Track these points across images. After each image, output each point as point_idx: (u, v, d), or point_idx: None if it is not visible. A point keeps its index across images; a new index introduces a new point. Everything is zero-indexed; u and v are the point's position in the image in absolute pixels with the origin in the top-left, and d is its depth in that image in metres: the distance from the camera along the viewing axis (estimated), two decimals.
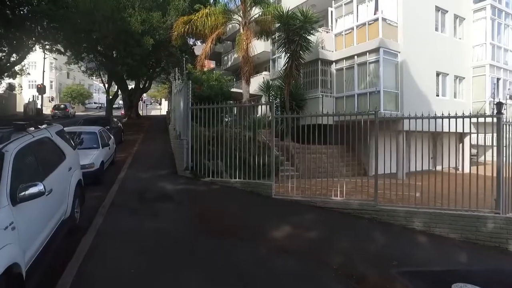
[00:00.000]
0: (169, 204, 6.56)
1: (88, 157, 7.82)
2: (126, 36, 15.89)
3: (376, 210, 7.01)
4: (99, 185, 7.95)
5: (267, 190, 7.90)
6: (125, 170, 9.45)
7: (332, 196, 7.56)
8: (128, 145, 14.75)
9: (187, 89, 8.94)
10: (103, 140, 9.20)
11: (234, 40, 26.88)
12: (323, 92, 14.25)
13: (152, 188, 7.72)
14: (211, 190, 7.91)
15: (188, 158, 8.96)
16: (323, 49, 14.39)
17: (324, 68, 14.42)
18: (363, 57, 13.16)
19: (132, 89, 29.83)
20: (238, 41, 15.82)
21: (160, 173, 9.27)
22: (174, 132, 12.17)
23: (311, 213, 7.01)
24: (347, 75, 13.95)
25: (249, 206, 7.05)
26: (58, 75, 47.76)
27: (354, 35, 13.64)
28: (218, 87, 13.51)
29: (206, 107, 8.72)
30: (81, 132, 9.14)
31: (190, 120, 8.99)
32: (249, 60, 14.75)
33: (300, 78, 14.55)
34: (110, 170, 9.46)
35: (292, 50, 12.79)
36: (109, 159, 9.56)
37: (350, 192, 7.64)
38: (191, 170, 8.92)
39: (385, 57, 12.47)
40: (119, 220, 5.52)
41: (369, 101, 12.83)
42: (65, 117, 29.57)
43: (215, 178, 8.55)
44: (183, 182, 8.31)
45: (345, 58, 13.97)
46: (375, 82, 12.73)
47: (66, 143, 5.20)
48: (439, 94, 14.69)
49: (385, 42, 12.45)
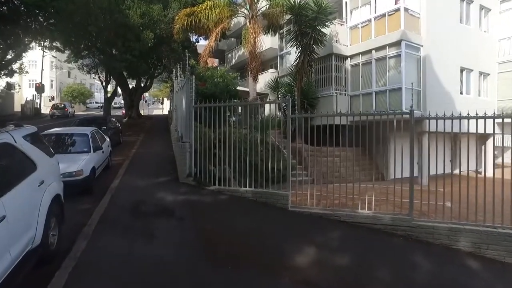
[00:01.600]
0: (169, 221, 5.50)
1: (76, 163, 6.78)
2: (125, 30, 14.85)
3: (412, 227, 5.97)
4: (89, 195, 6.94)
5: (282, 201, 6.88)
6: (120, 176, 8.42)
7: (358, 209, 6.52)
8: (126, 147, 13.75)
9: (190, 85, 7.89)
10: (95, 143, 8.16)
11: (238, 37, 25.96)
12: (337, 90, 13.15)
13: (149, 199, 6.68)
14: (217, 201, 6.86)
15: (191, 163, 7.91)
16: (337, 43, 13.29)
17: (338, 63, 13.32)
18: (382, 52, 12.05)
19: (133, 88, 28.88)
20: (244, 35, 14.78)
21: (159, 180, 8.23)
22: (176, 133, 11.13)
23: (336, 229, 5.96)
24: (364, 71, 12.85)
25: (264, 222, 5.98)
26: (59, 74, 46.91)
27: (371, 28, 12.54)
28: (224, 84, 12.47)
29: (211, 106, 7.66)
30: (70, 134, 8.10)
31: (194, 120, 7.95)
32: (256, 56, 13.69)
33: (311, 75, 13.47)
34: (104, 176, 8.44)
35: (304, 44, 11.70)
36: (102, 163, 8.53)
37: (372, 200, 6.54)
38: (194, 177, 7.88)
39: (407, 51, 11.35)
40: (106, 245, 4.47)
41: (389, 100, 11.74)
42: (64, 116, 28.63)
43: (222, 187, 7.50)
44: (185, 192, 7.26)
45: (362, 53, 12.87)
46: (396, 78, 11.62)
47: (40, 149, 4.16)
48: (463, 92, 13.54)
49: (407, 34, 11.33)
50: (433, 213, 6.23)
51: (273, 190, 7.04)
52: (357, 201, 6.43)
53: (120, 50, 15.67)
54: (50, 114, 29.41)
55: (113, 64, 16.38)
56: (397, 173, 6.13)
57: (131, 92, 28.04)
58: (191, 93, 7.91)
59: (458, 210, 5.92)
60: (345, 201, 6.70)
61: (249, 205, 6.80)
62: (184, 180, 7.96)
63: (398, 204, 6.41)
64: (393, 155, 6.25)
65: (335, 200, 6.71)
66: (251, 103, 8.25)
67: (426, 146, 9.87)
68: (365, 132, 6.31)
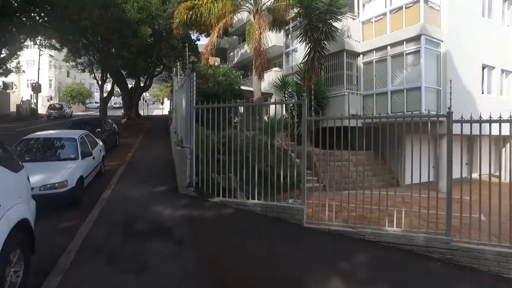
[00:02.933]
0: (166, 245, 4.60)
1: (60, 173, 5.89)
2: (121, 25, 13.93)
3: (452, 249, 5.08)
4: (74, 209, 6.05)
5: (296, 216, 6.03)
6: (113, 185, 7.53)
7: (385, 226, 5.64)
8: (123, 150, 12.87)
9: (191, 83, 6.99)
10: (84, 148, 7.27)
11: (241, 34, 25.10)
12: (348, 89, 12.24)
13: (143, 215, 5.78)
14: (222, 217, 5.96)
15: (192, 172, 7.02)
16: (349, 39, 12.37)
17: (349, 61, 12.40)
18: (398, 47, 11.13)
19: (132, 87, 28.01)
20: (248, 31, 13.85)
21: (156, 190, 7.33)
22: (175, 136, 10.23)
23: (362, 252, 5.08)
24: (378, 69, 11.93)
25: (277, 243, 5.08)
26: (57, 74, 46.11)
27: (386, 22, 11.62)
28: (227, 83, 11.57)
29: (215, 106, 6.77)
30: (56, 139, 7.20)
31: (195, 122, 7.05)
32: (262, 52, 12.78)
33: (321, 73, 12.55)
34: (95, 185, 7.55)
35: (314, 39, 10.79)
36: (93, 171, 7.64)
37: (396, 213, 5.63)
38: (195, 187, 6.99)
39: (427, 46, 10.43)
40: (85, 281, 3.58)
41: (406, 100, 10.82)
42: (61, 117, 27.79)
43: (226, 198, 6.61)
44: (185, 205, 6.36)
45: (375, 49, 11.94)
46: (414, 77, 10.71)
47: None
48: (484, 91, 12.61)
49: (427, 28, 10.40)
50: (468, 229, 5.35)
51: (286, 204, 6.17)
52: (378, 212, 5.66)
53: (116, 46, 14.71)
54: (47, 114, 28.58)
55: (108, 61, 15.42)
56: (414, 178, 5.60)
57: (130, 91, 27.18)
58: (192, 92, 7.02)
59: (498, 226, 5.06)
60: (363, 213, 5.88)
61: (259, 221, 5.90)
62: (184, 191, 7.07)
63: (424, 216, 5.56)
64: (409, 159, 5.41)
65: (351, 212, 5.88)
66: (262, 104, 7.36)
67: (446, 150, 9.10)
68: (379, 135, 5.50)
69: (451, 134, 5.31)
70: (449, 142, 5.30)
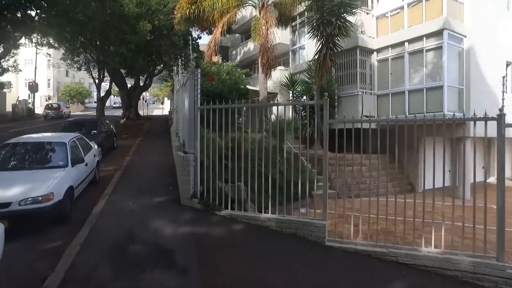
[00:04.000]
0: (168, 275, 3.80)
1: (45, 184, 5.09)
2: (119, 20, 13.10)
3: (507, 278, 4.29)
4: (61, 226, 5.26)
5: (317, 233, 5.26)
6: (107, 195, 6.72)
7: (421, 246, 4.87)
8: (121, 153, 12.08)
9: (195, 80, 6.18)
10: (76, 154, 6.47)
11: (243, 32, 24.28)
12: (362, 89, 11.43)
13: (141, 233, 4.98)
14: (232, 235, 5.16)
15: (197, 181, 6.22)
16: (363, 35, 11.57)
17: (362, 58, 11.59)
18: (417, 43, 10.31)
19: (132, 87, 27.20)
20: (254, 27, 13.05)
21: (156, 201, 6.53)
22: (177, 139, 9.43)
23: (398, 279, 4.36)
24: (394, 67, 11.11)
25: (299, 268, 4.27)
26: (56, 73, 45.30)
27: (404, 16, 10.81)
28: (232, 82, 10.77)
29: (222, 107, 5.98)
30: (43, 144, 6.39)
31: (199, 125, 6.25)
32: (269, 49, 11.99)
33: (332, 71, 11.75)
34: (87, 195, 6.76)
35: (327, 34, 9.98)
36: (85, 179, 6.83)
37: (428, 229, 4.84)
38: (200, 198, 6.20)
39: (449, 42, 9.61)
40: None
41: (426, 100, 10.01)
42: (58, 117, 26.97)
43: (235, 211, 5.83)
44: (189, 220, 5.56)
45: (391, 46, 11.12)
46: (435, 75, 9.91)
47: None
48: (507, 91, 11.76)
49: (450, 23, 9.58)
50: None
51: (305, 219, 5.39)
52: (403, 225, 4.88)
53: (114, 43, 13.85)
54: (44, 114, 27.76)
55: (105, 59, 14.56)
56: (429, 184, 4.86)
57: (129, 91, 26.38)
58: (196, 91, 6.21)
59: None
60: (386, 225, 5.14)
61: (274, 240, 5.11)
62: (187, 202, 6.27)
63: (457, 230, 4.80)
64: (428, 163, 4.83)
65: (372, 223, 5.10)
66: (278, 104, 6.55)
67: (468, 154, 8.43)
68: (393, 137, 4.78)
69: (503, 139, 4.55)
70: (501, 147, 4.55)
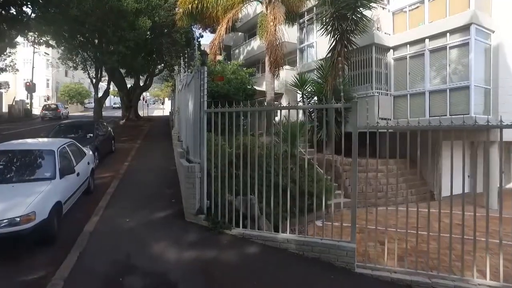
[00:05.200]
0: None
1: (25, 201, 4.30)
2: (117, 16, 12.30)
3: None
4: (46, 249, 4.49)
5: (345, 257, 4.51)
6: (101, 209, 5.95)
7: (473, 277, 4.12)
8: (119, 158, 11.32)
9: (201, 80, 5.41)
10: (65, 163, 5.68)
11: (247, 31, 23.55)
12: (378, 89, 10.65)
13: (139, 259, 4.21)
14: (246, 261, 4.39)
15: (203, 194, 5.46)
16: (379, 31, 10.79)
17: (378, 56, 10.81)
18: (440, 40, 9.52)
19: (131, 87, 26.44)
20: (260, 24, 12.29)
21: (156, 216, 5.76)
22: (179, 144, 8.65)
23: None
24: (413, 65, 10.33)
25: None
26: (55, 73, 44.56)
27: (424, 11, 10.02)
28: (238, 81, 10.01)
29: (233, 110, 5.22)
30: (27, 152, 5.59)
31: (206, 131, 5.48)
32: (277, 47, 11.24)
33: (345, 71, 10.97)
34: (79, 209, 5.98)
35: (342, 30, 9.21)
36: (77, 191, 6.05)
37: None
38: (207, 214, 5.43)
39: (477, 38, 8.82)
40: None
41: (449, 101, 9.23)
42: (56, 118, 26.22)
43: (248, 230, 5.08)
44: (195, 242, 4.80)
45: (410, 43, 10.33)
46: (461, 74, 9.12)
47: None
48: None
49: (478, 16, 8.79)
50: None
51: (330, 241, 4.62)
52: (438, 244, 4.18)
53: (111, 40, 13.05)
54: (41, 115, 27.01)
55: (103, 57, 13.73)
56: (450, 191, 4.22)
57: (129, 91, 25.62)
58: (202, 92, 5.43)
59: None
60: (416, 243, 4.41)
61: (295, 268, 4.35)
62: (192, 218, 5.50)
63: (494, 247, 4.12)
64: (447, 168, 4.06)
65: (400, 240, 4.51)
66: (298, 107, 5.80)
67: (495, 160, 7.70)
68: (413, 141, 4.17)
69: None
70: None
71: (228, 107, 5.24)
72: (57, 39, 17.30)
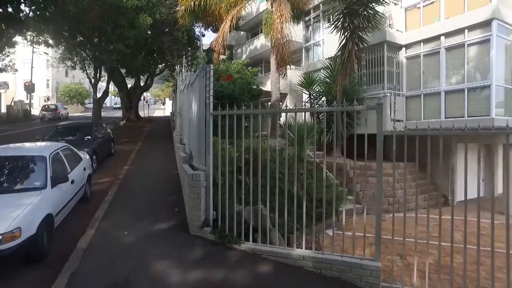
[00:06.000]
0: None
1: (9, 216, 3.80)
2: (116, 13, 11.80)
3: None
4: (34, 268, 4.00)
5: (368, 277, 4.03)
6: (98, 220, 5.46)
7: None
8: (118, 161, 10.85)
9: (206, 79, 4.91)
10: (59, 170, 5.19)
11: (249, 30, 23.07)
12: (390, 89, 10.15)
13: (139, 282, 3.71)
14: (259, 281, 3.89)
15: (209, 205, 4.97)
16: (391, 28, 10.28)
17: (390, 55, 10.30)
18: (457, 37, 9.01)
19: (132, 87, 25.97)
20: (266, 21, 11.82)
21: (158, 228, 5.26)
22: (181, 148, 8.16)
23: None
24: (427, 64, 9.82)
25: None
26: (55, 73, 44.13)
27: (439, 6, 9.50)
28: (243, 81, 9.52)
29: (242, 113, 4.73)
30: (15, 158, 5.11)
31: (211, 135, 4.99)
32: (284, 45, 10.75)
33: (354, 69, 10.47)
34: (73, 220, 5.50)
35: (353, 27, 8.71)
36: (71, 200, 5.55)
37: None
38: (213, 227, 4.94)
39: (498, 34, 8.30)
40: None
41: (467, 102, 8.72)
42: (55, 119, 25.81)
43: (259, 245, 4.59)
44: (201, 259, 4.30)
45: (424, 41, 9.82)
46: (480, 73, 8.62)
47: None
48: None
49: (500, 11, 8.28)
50: None
51: (351, 258, 4.13)
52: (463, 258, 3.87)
53: (111, 39, 12.53)
54: (40, 116, 26.59)
55: (101, 56, 13.21)
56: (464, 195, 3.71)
57: (129, 91, 25.16)
58: (208, 93, 4.93)
59: None
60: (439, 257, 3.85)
61: (312, 286, 3.84)
62: (197, 231, 5.00)
63: None
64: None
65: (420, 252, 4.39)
66: (316, 110, 5.30)
67: None
68: (423, 143, 3.76)
69: None
70: None
71: (237, 109, 4.75)
72: (56, 38, 16.83)
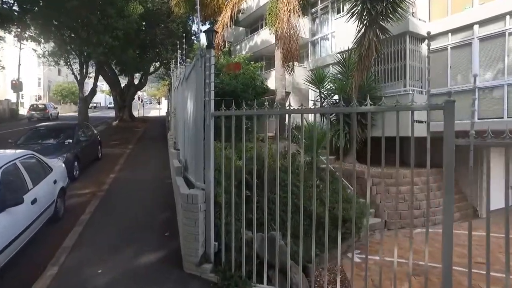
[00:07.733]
0: None
1: None
2: (103, 0, 10.50)
3: None
4: None
5: None
6: (65, 252, 4.22)
7: None
8: (105, 167, 9.63)
9: (205, 69, 3.68)
10: (12, 188, 3.96)
11: (249, 25, 21.92)
12: (412, 86, 8.99)
13: None
14: None
15: (209, 235, 3.76)
16: (414, 17, 9.12)
17: (412, 47, 9.14)
18: (494, 25, 7.86)
19: (125, 85, 24.68)
20: (270, 11, 10.61)
21: (143, 262, 4.02)
22: (175, 154, 6.91)
23: None
24: (456, 58, 8.67)
25: None
26: (47, 71, 42.59)
27: None
28: (247, 77, 8.33)
29: (252, 113, 3.54)
30: None
31: (212, 142, 3.77)
32: (291, 37, 9.57)
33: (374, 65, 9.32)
34: (32, 253, 4.26)
35: (375, 14, 7.53)
36: (29, 227, 4.27)
37: None
38: (215, 264, 3.74)
39: None
40: None
41: (507, 100, 7.59)
42: (44, 119, 24.43)
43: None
44: None
45: (452, 31, 8.67)
46: None
47: None
48: None
49: None
50: None
51: None
52: None
53: (97, 29, 11.16)
54: (28, 116, 25.14)
55: (87, 49, 11.81)
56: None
57: (123, 90, 23.86)
58: (208, 88, 3.70)
59: None
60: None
61: None
62: (193, 270, 3.78)
63: None
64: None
65: None
66: (356, 111, 4.05)
67: None
68: None
69: None
70: None
71: (247, 108, 3.54)
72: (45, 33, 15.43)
